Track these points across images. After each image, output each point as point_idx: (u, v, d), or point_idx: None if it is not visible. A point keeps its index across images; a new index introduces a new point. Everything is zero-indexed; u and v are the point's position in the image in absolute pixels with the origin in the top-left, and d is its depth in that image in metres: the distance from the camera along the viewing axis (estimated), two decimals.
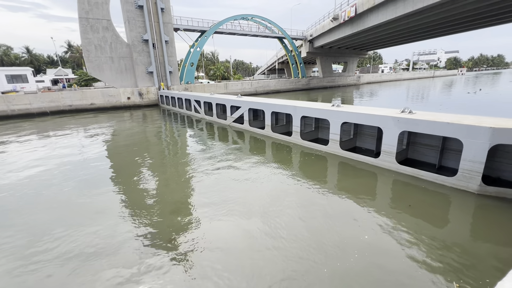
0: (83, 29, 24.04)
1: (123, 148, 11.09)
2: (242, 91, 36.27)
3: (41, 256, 4.17)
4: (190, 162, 8.62)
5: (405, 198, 5.72)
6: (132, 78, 27.47)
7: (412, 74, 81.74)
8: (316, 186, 6.38)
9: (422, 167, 6.69)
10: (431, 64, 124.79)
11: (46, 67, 61.29)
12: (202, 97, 17.70)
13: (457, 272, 3.51)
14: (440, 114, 6.82)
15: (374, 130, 8.71)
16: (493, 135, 5.19)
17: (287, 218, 4.96)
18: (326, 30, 37.02)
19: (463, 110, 17.40)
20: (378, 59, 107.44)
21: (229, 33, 37.62)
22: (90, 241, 4.48)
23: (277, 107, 11.10)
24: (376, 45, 46.70)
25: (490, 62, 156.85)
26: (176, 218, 5.16)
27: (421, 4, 20.87)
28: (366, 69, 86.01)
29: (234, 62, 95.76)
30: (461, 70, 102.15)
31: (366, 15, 27.99)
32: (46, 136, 13.86)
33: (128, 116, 21.02)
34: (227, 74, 57.52)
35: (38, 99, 22.61)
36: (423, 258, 3.78)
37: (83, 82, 40.36)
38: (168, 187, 6.76)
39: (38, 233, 4.79)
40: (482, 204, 5.26)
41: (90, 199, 6.13)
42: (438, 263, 3.68)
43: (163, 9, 27.15)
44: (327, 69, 49.45)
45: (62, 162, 9.06)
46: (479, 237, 4.33)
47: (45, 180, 7.47)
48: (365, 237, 4.30)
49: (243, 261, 3.88)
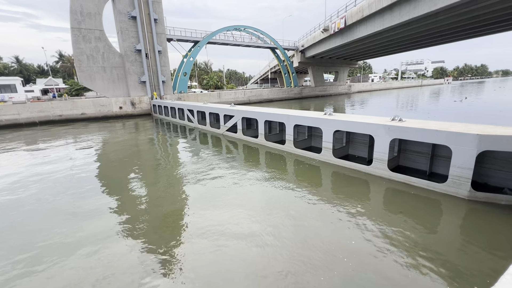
0: (75, 39, 23.96)
1: (114, 158, 10.89)
2: (235, 100, 36.47)
3: (30, 268, 3.99)
4: (182, 172, 8.52)
5: (397, 204, 5.77)
6: (124, 87, 27.33)
7: (401, 83, 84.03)
8: (309, 194, 6.37)
9: (414, 174, 6.79)
10: (418, 73, 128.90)
11: (36, 76, 60.49)
12: (196, 106, 17.70)
13: (447, 277, 3.52)
14: (429, 122, 6.99)
15: (366, 138, 8.84)
16: (480, 142, 5.33)
17: (280, 228, 4.91)
18: (317, 41, 37.94)
19: (450, 118, 17.90)
20: (368, 68, 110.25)
21: (222, 44, 38.13)
22: (78, 254, 4.33)
23: (270, 116, 11.18)
24: (366, 55, 48.01)
25: (474, 71, 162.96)
26: (167, 230, 5.05)
27: (407, 16, 21.69)
28: (357, 79, 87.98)
29: (227, 71, 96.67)
30: (447, 79, 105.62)
31: (355, 27, 28.86)
32: (34, 147, 13.52)
33: (120, 126, 20.78)
34: (220, 83, 57.92)
35: (27, 109, 22.17)
36: (414, 263, 3.78)
37: (74, 91, 39.89)
38: (160, 199, 6.63)
39: (27, 247, 4.59)
40: (472, 209, 5.35)
41: (79, 211, 5.95)
42: (428, 268, 3.68)
43: (156, 20, 27.40)
44: (319, 78, 50.39)
45: (49, 174, 8.82)
46: (469, 243, 4.37)
47: (32, 194, 7.23)
48: (352, 242, 4.29)
49: (237, 271, 3.80)
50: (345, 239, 4.45)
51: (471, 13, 20.39)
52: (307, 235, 4.62)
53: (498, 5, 18.52)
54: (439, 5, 18.70)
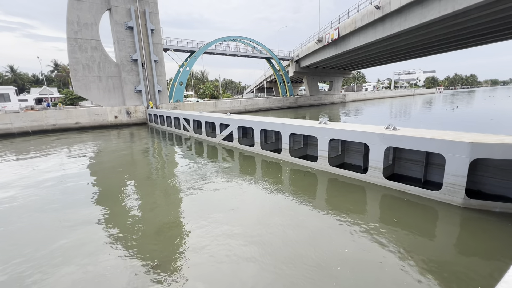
0: (71, 49, 24.01)
1: (107, 168, 10.75)
2: (231, 109, 36.65)
3: (16, 282, 3.85)
4: (178, 182, 8.43)
5: (393, 212, 5.76)
6: (120, 96, 27.29)
7: (394, 92, 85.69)
8: (306, 203, 6.35)
9: (409, 182, 6.84)
10: (411, 83, 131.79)
11: (30, 86, 60.10)
12: (191, 115, 17.71)
13: (443, 285, 3.50)
14: (422, 130, 7.10)
15: (361, 146, 8.92)
16: (473, 150, 5.42)
17: (276, 238, 4.85)
18: (311, 51, 38.72)
19: (443, 126, 18.22)
20: (361, 78, 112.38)
21: (218, 53, 38.61)
22: (70, 265, 4.19)
23: (266, 125, 11.24)
24: (359, 65, 49.08)
25: (464, 81, 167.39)
26: (161, 242, 4.95)
27: (398, 28, 22.39)
28: (351, 88, 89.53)
29: (223, 81, 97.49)
30: (439, 89, 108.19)
31: (348, 38, 29.60)
32: (25, 156, 13.29)
33: (115, 135, 20.62)
34: (216, 92, 58.30)
35: (20, 118, 21.92)
36: (409, 271, 3.75)
37: (69, 101, 39.69)
38: (154, 210, 6.51)
39: (14, 260, 4.44)
40: (467, 217, 5.38)
41: (69, 224, 5.80)
42: (424, 276, 3.66)
43: (153, 30, 27.72)
44: (313, 87, 51.13)
45: (39, 184, 8.64)
46: (465, 250, 4.37)
47: (22, 205, 7.05)
48: (345, 250, 4.26)
49: (230, 284, 3.72)
50: (340, 247, 4.42)
51: (460, 25, 21.15)
52: (303, 245, 4.57)
53: (484, 18, 19.27)
54: (428, 17, 19.38)
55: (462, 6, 17.08)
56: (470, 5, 16.70)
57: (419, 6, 19.76)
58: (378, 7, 22.51)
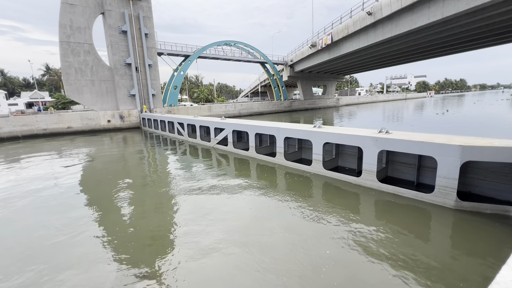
0: (64, 53, 23.75)
1: (100, 174, 10.58)
2: (226, 114, 36.63)
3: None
4: (171, 188, 8.35)
5: (387, 215, 5.81)
6: (113, 101, 27.01)
7: (386, 96, 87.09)
8: (300, 206, 6.34)
9: (402, 185, 6.91)
10: (402, 87, 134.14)
11: (21, 90, 59.05)
12: (186, 120, 17.63)
13: (434, 286, 3.53)
14: (414, 134, 7.22)
15: (355, 149, 9.00)
16: (463, 153, 5.53)
17: (271, 243, 4.83)
18: (305, 56, 39.16)
19: (434, 130, 18.56)
20: (354, 82, 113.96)
21: (212, 58, 38.72)
22: (58, 278, 4.08)
23: (260, 129, 11.26)
24: (352, 69, 49.81)
25: (454, 85, 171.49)
26: (152, 250, 4.86)
27: (389, 34, 22.87)
28: (345, 92, 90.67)
29: (218, 85, 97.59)
30: (430, 93, 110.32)
31: (341, 43, 30.08)
32: (14, 163, 12.98)
33: (108, 140, 20.34)
34: (210, 96, 58.27)
35: (10, 122, 21.48)
36: (402, 272, 3.77)
37: (61, 105, 39.11)
38: (147, 216, 6.41)
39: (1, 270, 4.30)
40: (458, 218, 5.45)
41: (60, 232, 5.67)
42: (416, 277, 3.68)
43: (147, 34, 27.67)
44: (307, 92, 51.59)
45: (29, 191, 8.44)
46: (457, 251, 4.42)
47: (10, 213, 6.87)
48: (327, 252, 4.26)
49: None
50: (333, 250, 4.42)
51: (449, 31, 21.74)
52: (297, 249, 4.56)
53: (471, 24, 19.86)
54: (418, 24, 19.88)
55: (450, 13, 17.60)
56: (458, 12, 17.21)
57: (410, 13, 20.26)
58: (370, 13, 22.99)
